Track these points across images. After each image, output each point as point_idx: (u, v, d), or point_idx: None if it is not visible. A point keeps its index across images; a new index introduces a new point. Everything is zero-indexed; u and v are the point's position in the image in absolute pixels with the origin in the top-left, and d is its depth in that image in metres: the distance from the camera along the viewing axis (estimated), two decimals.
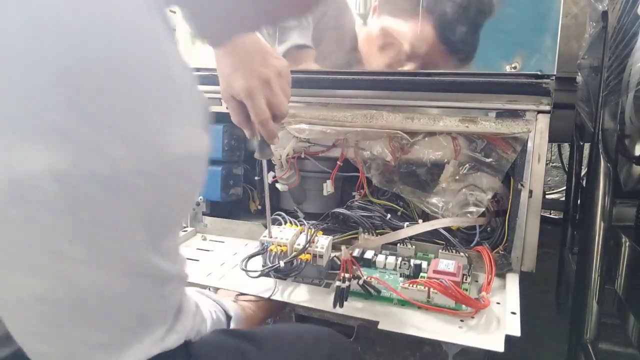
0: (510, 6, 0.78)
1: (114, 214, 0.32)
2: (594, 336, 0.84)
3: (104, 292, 0.34)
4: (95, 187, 0.31)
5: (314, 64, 0.93)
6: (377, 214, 0.92)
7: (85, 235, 0.32)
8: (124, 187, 0.32)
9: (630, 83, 0.64)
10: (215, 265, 0.88)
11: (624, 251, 0.76)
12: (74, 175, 0.30)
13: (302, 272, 0.78)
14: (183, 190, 0.37)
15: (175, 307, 0.42)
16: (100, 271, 0.33)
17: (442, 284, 0.68)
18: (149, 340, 0.38)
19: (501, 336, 0.63)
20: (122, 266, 0.34)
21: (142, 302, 0.37)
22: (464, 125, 0.83)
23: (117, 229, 0.33)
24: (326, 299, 0.74)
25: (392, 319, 0.69)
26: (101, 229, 0.32)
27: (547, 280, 1.55)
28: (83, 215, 0.31)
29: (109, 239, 0.33)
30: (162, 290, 0.38)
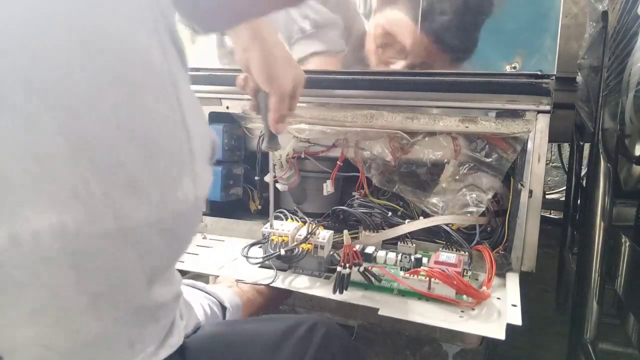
0: (510, 6, 0.78)
1: (120, 263, 0.32)
2: (594, 336, 0.84)
3: (103, 334, 0.34)
4: (104, 242, 0.30)
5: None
6: (377, 211, 0.92)
7: (88, 286, 0.31)
8: (134, 240, 0.31)
9: (630, 83, 0.64)
10: (215, 258, 0.88)
11: (624, 251, 0.76)
12: (82, 233, 0.29)
13: (302, 261, 0.79)
14: (189, 236, 0.38)
15: (169, 325, 0.42)
16: (101, 317, 0.33)
17: (443, 273, 0.68)
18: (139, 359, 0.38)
19: (502, 325, 0.63)
20: (122, 308, 0.34)
21: (137, 331, 0.37)
22: (464, 125, 0.83)
23: (120, 277, 0.33)
24: (326, 289, 0.74)
25: (393, 307, 0.69)
26: (104, 279, 0.32)
27: (547, 280, 1.55)
28: (88, 267, 0.31)
29: (112, 286, 0.32)
30: (157, 315, 0.38)
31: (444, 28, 0.82)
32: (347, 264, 0.71)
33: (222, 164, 1.03)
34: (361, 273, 0.73)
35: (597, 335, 0.84)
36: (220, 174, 1.02)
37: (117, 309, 0.34)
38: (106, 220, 0.30)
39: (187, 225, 0.36)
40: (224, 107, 1.01)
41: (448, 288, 0.69)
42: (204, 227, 1.05)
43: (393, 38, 0.86)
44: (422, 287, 0.71)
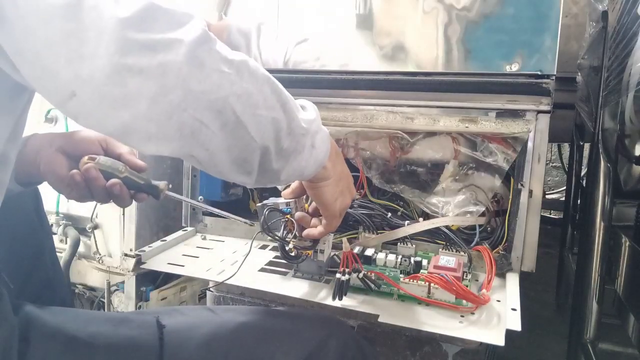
0: (510, 6, 0.78)
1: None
2: (594, 336, 0.84)
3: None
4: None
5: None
6: (377, 212, 0.92)
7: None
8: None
9: (630, 83, 0.64)
10: (215, 261, 0.88)
11: (624, 251, 0.76)
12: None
13: (302, 265, 0.79)
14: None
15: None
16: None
17: (443, 279, 0.68)
18: None
19: (502, 330, 0.63)
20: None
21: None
22: (464, 125, 0.83)
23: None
24: (326, 294, 0.74)
25: (393, 312, 0.69)
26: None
27: (547, 280, 1.55)
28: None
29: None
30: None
31: (445, 28, 0.82)
32: (346, 270, 0.71)
33: None
34: (360, 279, 0.73)
35: (597, 335, 0.84)
36: None
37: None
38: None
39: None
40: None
41: (448, 293, 0.69)
42: (204, 227, 1.05)
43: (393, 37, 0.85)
44: (421, 292, 0.71)
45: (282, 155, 0.54)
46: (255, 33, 0.94)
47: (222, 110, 0.47)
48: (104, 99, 0.42)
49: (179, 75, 0.43)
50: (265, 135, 0.51)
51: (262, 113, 0.51)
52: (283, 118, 0.53)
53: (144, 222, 1.24)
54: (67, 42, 0.40)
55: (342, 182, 0.68)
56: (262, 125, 0.51)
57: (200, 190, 1.04)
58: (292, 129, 0.54)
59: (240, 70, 0.49)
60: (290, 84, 0.92)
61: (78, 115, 0.43)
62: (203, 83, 0.45)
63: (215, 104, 0.47)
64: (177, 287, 1.33)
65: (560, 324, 1.30)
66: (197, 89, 0.45)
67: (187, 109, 0.45)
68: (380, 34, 0.86)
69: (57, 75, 0.41)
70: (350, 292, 0.72)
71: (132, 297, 1.26)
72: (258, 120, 0.50)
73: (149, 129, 0.44)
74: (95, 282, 1.35)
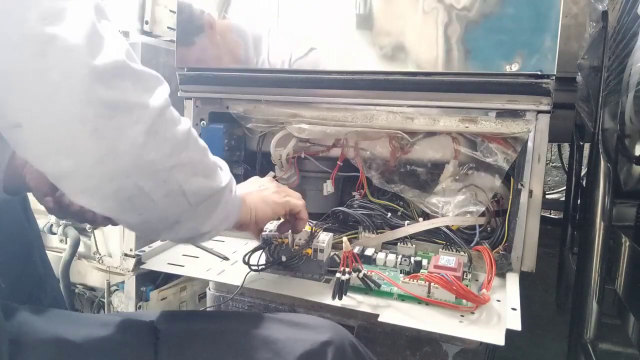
0: (510, 6, 0.78)
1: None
2: (594, 336, 0.84)
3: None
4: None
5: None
6: (377, 213, 0.92)
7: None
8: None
9: (630, 83, 0.64)
10: (215, 261, 0.88)
11: (624, 251, 0.76)
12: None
13: (302, 265, 0.79)
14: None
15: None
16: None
17: (443, 278, 0.68)
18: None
19: (502, 330, 0.63)
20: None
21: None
22: (464, 125, 0.83)
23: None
24: (326, 294, 0.74)
25: (392, 312, 0.69)
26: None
27: (547, 280, 1.55)
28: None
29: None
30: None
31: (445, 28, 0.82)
32: (346, 270, 0.71)
33: None
34: (360, 279, 0.73)
35: (597, 335, 0.84)
36: None
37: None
38: None
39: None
40: (224, 107, 1.01)
41: (448, 293, 0.69)
42: None
43: (393, 37, 0.85)
44: (421, 292, 0.71)
45: (206, 213, 0.56)
46: (254, 33, 0.94)
47: (167, 180, 0.47)
48: (50, 142, 0.41)
49: (134, 144, 0.43)
50: (199, 200, 0.52)
51: (200, 180, 0.52)
52: (213, 183, 0.55)
53: None
54: (28, 75, 0.39)
55: (258, 199, 0.70)
56: (199, 191, 0.52)
57: None
58: (217, 190, 0.56)
59: (188, 138, 0.50)
60: (290, 84, 0.93)
61: (17, 144, 0.42)
62: (154, 152, 0.45)
63: (162, 174, 0.47)
64: (177, 287, 1.33)
65: (560, 324, 1.30)
66: (147, 158, 0.45)
67: (131, 175, 0.44)
68: (380, 34, 0.86)
69: (6, 102, 0.40)
70: (350, 291, 0.72)
71: (132, 297, 1.26)
72: (197, 187, 0.51)
73: (86, 184, 0.43)
74: (95, 282, 1.35)
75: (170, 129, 0.47)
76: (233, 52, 0.96)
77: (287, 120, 0.94)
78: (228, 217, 0.61)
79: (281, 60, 0.93)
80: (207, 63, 0.99)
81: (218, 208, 0.57)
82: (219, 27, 0.96)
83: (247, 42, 0.95)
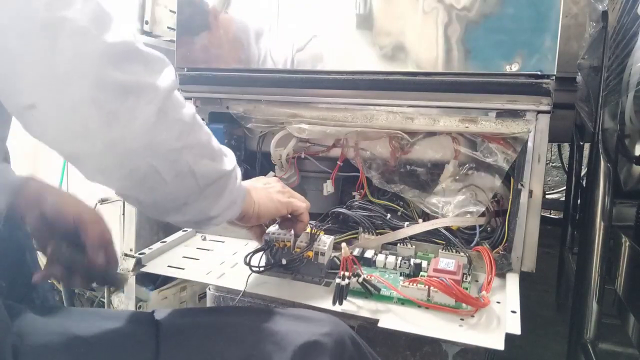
0: (510, 6, 0.78)
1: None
2: (594, 336, 0.84)
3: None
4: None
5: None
6: (377, 214, 0.92)
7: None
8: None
9: (630, 83, 0.64)
10: (215, 264, 0.88)
11: (624, 251, 0.76)
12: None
13: (303, 268, 0.79)
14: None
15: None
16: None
17: (442, 282, 0.68)
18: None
19: (501, 334, 0.63)
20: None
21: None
22: (464, 125, 0.83)
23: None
24: (326, 298, 0.74)
25: (392, 317, 0.69)
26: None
27: (547, 280, 1.55)
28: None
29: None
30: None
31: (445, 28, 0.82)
32: (345, 275, 0.71)
33: None
34: (360, 284, 0.73)
35: (597, 335, 0.84)
36: None
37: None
38: None
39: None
40: (224, 107, 1.01)
41: (447, 296, 0.69)
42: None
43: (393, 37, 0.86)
44: (421, 296, 0.71)
45: (213, 196, 0.57)
46: (254, 33, 0.94)
47: (177, 161, 0.49)
48: (64, 124, 0.42)
49: (146, 125, 0.44)
50: (207, 182, 0.54)
51: (208, 163, 0.54)
52: (220, 166, 0.56)
53: (144, 222, 1.24)
54: (40, 59, 0.40)
55: (263, 194, 0.71)
56: (207, 173, 0.54)
57: None
58: (224, 173, 0.57)
59: (194, 121, 0.51)
60: (290, 84, 0.93)
61: (31, 127, 0.43)
62: (165, 133, 0.47)
63: (172, 155, 0.48)
64: (177, 287, 1.33)
65: (560, 324, 1.30)
66: (159, 138, 0.46)
67: (145, 156, 0.46)
68: (380, 34, 0.86)
69: (20, 84, 0.40)
70: (350, 296, 0.72)
71: (132, 297, 1.26)
72: (205, 169, 0.53)
73: (101, 165, 0.45)
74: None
75: (178, 111, 0.49)
76: (233, 52, 0.96)
77: (287, 120, 0.94)
78: (234, 203, 0.62)
79: (281, 60, 0.93)
80: (207, 63, 0.99)
81: (225, 193, 0.58)
82: (219, 27, 0.96)
83: (247, 42, 0.95)
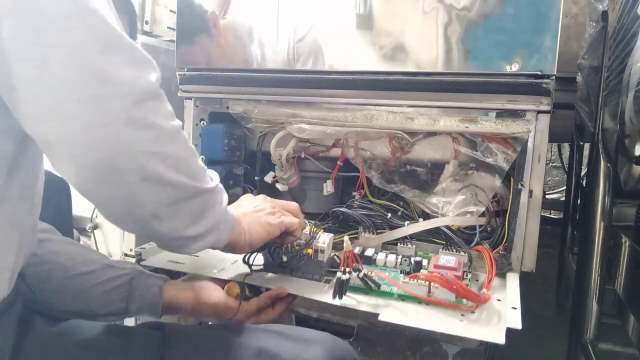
0: (510, 6, 0.78)
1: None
2: (594, 336, 0.84)
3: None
4: None
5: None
6: (377, 213, 0.92)
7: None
8: None
9: (630, 83, 0.64)
10: (216, 259, 0.88)
11: (624, 251, 0.76)
12: None
13: (303, 265, 0.79)
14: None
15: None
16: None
17: (443, 277, 0.68)
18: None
19: (502, 329, 0.63)
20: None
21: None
22: (464, 125, 0.83)
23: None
24: (326, 293, 0.74)
25: (393, 311, 0.69)
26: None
27: (547, 280, 1.56)
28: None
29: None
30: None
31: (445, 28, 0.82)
32: (346, 270, 0.71)
33: (222, 164, 1.03)
34: (360, 279, 0.73)
35: (597, 335, 0.84)
36: (220, 174, 1.01)
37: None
38: None
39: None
40: (224, 107, 1.01)
41: (448, 292, 0.69)
42: None
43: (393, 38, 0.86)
44: (421, 291, 0.71)
45: (190, 216, 0.55)
46: (254, 33, 0.94)
47: (146, 166, 0.47)
48: (41, 106, 0.43)
49: (118, 118, 0.44)
50: (180, 197, 0.52)
51: (182, 179, 0.51)
52: (198, 184, 0.54)
53: None
54: (23, 41, 0.41)
55: (253, 221, 0.70)
56: (181, 187, 0.51)
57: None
58: (202, 191, 0.55)
59: (177, 134, 0.50)
60: (290, 84, 0.93)
61: (12, 107, 0.44)
62: (137, 132, 0.46)
63: (141, 158, 0.47)
64: None
65: (560, 324, 1.30)
66: (129, 136, 0.45)
67: (111, 150, 0.45)
68: (380, 34, 0.86)
69: (3, 66, 0.41)
70: (350, 292, 0.72)
71: None
72: (178, 183, 0.51)
73: (70, 151, 0.45)
74: None
75: (159, 117, 0.48)
76: (233, 52, 0.96)
77: (287, 120, 0.94)
78: (216, 228, 0.59)
79: (281, 60, 0.93)
80: (207, 63, 0.99)
81: (205, 214, 0.56)
82: (219, 27, 0.96)
83: (247, 42, 0.95)
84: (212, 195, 0.58)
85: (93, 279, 0.63)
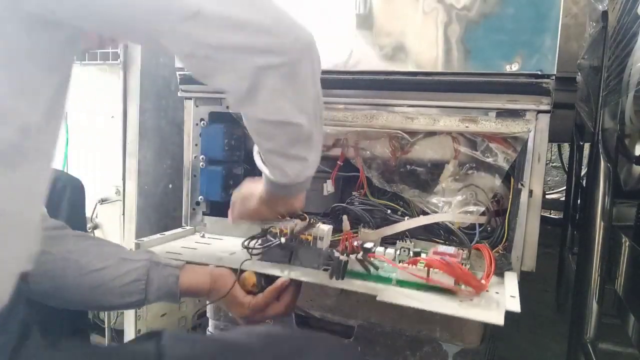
0: (510, 6, 0.78)
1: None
2: (594, 336, 0.84)
3: None
4: None
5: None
6: (377, 209, 0.92)
7: None
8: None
9: (630, 83, 0.64)
10: (214, 252, 0.88)
11: (624, 251, 0.76)
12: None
13: (301, 254, 0.78)
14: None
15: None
16: None
17: (443, 261, 0.68)
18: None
19: (501, 312, 0.63)
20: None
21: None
22: (464, 125, 0.83)
23: None
24: (324, 280, 0.73)
25: (391, 293, 0.69)
26: None
27: (547, 280, 1.55)
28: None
29: None
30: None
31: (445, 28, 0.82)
32: (345, 251, 0.71)
33: (222, 164, 1.03)
34: (359, 260, 0.72)
35: (597, 335, 0.84)
36: (220, 174, 1.01)
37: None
38: None
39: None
40: (224, 107, 1.01)
41: (447, 277, 0.69)
42: (203, 227, 1.05)
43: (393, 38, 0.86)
44: (420, 274, 0.70)
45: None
46: None
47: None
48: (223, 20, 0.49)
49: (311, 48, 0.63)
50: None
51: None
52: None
53: (144, 223, 1.24)
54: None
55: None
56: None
57: (201, 191, 1.04)
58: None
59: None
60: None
61: (191, 37, 0.48)
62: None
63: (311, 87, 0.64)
64: None
65: (560, 324, 1.30)
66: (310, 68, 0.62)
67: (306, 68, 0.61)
68: (380, 34, 0.86)
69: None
70: (349, 277, 0.72)
71: None
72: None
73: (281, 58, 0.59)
74: None
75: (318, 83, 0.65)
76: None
77: None
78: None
79: None
80: None
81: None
82: None
83: None
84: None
85: (109, 274, 0.64)
